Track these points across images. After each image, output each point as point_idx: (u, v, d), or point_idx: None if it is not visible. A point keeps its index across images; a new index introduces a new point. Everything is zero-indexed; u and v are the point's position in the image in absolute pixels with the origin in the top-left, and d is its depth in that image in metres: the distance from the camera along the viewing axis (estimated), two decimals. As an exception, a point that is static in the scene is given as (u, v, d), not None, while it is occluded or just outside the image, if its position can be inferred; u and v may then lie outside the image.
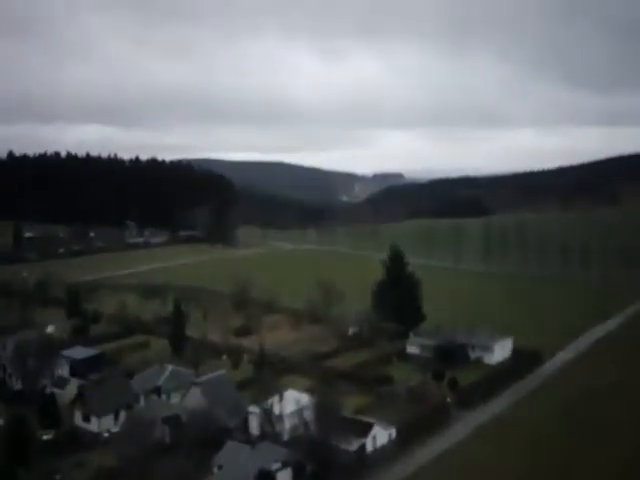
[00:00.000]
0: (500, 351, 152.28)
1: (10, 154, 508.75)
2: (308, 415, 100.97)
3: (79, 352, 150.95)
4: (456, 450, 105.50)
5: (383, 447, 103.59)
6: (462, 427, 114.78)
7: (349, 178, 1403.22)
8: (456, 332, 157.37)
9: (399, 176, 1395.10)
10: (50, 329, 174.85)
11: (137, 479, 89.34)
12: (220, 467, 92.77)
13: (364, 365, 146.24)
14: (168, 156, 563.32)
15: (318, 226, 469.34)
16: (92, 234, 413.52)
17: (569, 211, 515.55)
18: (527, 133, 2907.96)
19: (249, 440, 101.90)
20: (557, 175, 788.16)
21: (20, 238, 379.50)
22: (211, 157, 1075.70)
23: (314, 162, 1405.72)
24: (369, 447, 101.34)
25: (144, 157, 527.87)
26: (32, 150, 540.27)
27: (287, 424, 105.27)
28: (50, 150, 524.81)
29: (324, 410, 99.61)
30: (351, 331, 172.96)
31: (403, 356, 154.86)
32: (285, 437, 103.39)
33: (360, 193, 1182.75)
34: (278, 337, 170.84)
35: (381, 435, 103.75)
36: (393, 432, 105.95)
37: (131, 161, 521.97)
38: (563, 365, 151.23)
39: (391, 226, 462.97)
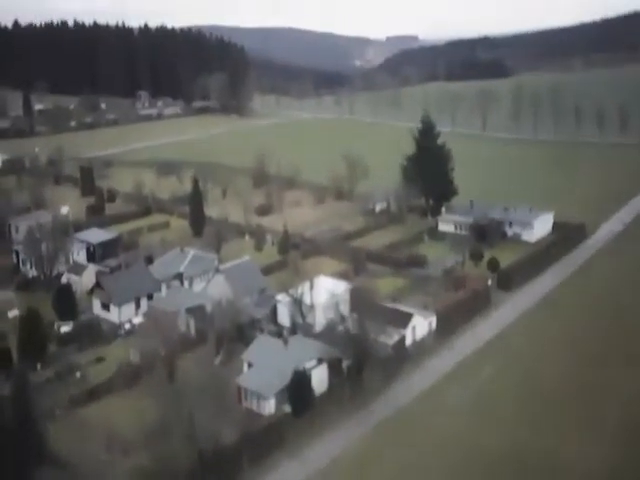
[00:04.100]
0: (540, 227, 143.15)
1: (16, 23, 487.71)
2: (342, 305, 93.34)
3: (95, 235, 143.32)
4: (500, 340, 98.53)
5: (423, 338, 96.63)
6: (505, 313, 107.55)
7: (362, 42, 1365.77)
8: (491, 207, 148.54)
9: (414, 38, 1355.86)
10: (64, 210, 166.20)
11: (162, 376, 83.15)
12: (250, 365, 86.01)
13: (395, 244, 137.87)
14: (175, 23, 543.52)
15: (334, 93, 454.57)
16: (103, 105, 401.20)
17: (594, 69, 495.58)
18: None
19: (279, 332, 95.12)
20: (579, 32, 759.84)
21: (30, 110, 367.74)
22: (219, 24, 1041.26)
23: (325, 27, 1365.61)
24: (409, 339, 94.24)
25: (153, 24, 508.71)
26: (38, 19, 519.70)
27: (319, 315, 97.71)
28: (56, 19, 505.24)
29: (360, 299, 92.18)
30: (378, 208, 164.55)
31: (435, 234, 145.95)
32: (317, 329, 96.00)
33: (374, 58, 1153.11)
34: (302, 215, 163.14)
35: (421, 325, 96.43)
36: (434, 321, 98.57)
37: (140, 29, 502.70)
38: (608, 239, 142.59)
39: (410, 91, 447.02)
